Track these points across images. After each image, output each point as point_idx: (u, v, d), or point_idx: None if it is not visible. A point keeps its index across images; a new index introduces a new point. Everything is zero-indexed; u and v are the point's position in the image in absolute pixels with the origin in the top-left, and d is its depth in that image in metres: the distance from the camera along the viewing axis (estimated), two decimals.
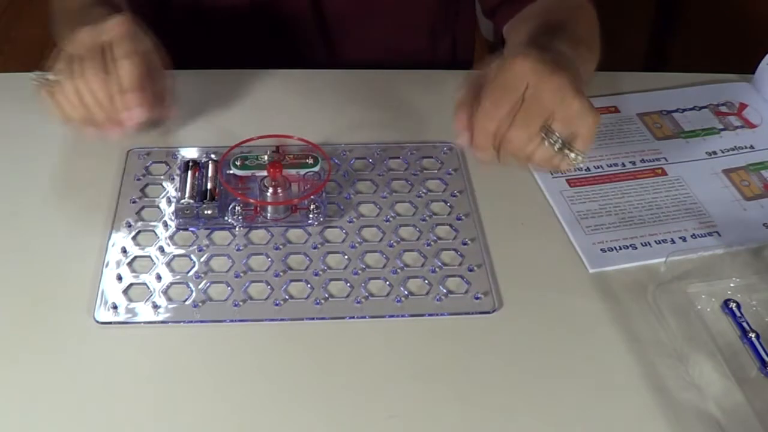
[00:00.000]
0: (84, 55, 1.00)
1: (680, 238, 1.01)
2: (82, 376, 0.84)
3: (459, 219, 1.02)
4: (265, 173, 1.00)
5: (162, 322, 0.89)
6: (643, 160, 1.13)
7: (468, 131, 0.95)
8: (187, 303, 0.91)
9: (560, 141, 0.92)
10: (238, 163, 1.02)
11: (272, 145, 1.04)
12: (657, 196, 1.07)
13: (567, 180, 1.08)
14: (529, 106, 0.91)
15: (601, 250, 0.99)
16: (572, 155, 0.93)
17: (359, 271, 0.95)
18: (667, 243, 1.00)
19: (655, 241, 1.00)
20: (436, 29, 1.38)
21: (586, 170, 1.10)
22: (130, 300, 0.91)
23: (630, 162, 1.12)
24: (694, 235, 1.02)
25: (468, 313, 0.91)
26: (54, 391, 0.83)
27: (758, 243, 0.99)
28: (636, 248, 0.99)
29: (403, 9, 1.34)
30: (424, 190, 1.05)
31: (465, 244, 0.99)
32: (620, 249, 0.99)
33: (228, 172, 1.03)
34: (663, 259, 0.96)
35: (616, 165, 1.12)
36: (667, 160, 1.13)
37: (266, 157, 1.02)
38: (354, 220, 1.01)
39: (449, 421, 0.81)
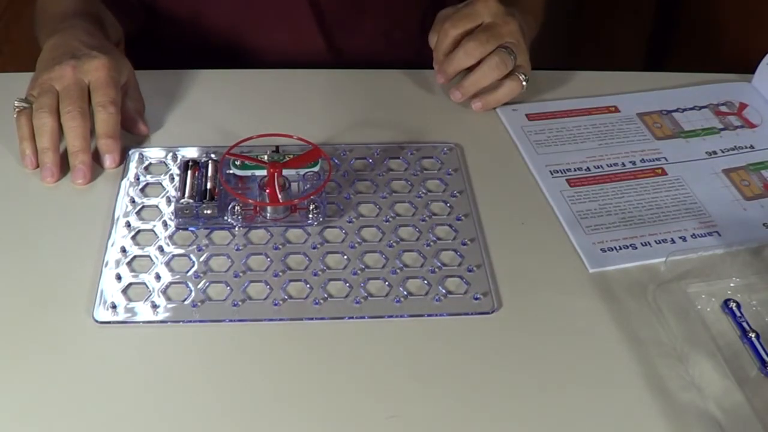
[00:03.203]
0: (63, 93, 1.05)
1: (680, 237, 1.01)
2: (81, 376, 0.84)
3: (459, 219, 1.01)
4: (264, 173, 1.00)
5: (161, 321, 0.89)
6: (643, 160, 1.13)
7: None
8: (186, 303, 0.91)
9: (515, 58, 1.14)
10: (237, 162, 1.02)
11: (272, 145, 1.04)
12: (657, 195, 1.07)
13: (567, 180, 1.08)
14: (486, 30, 1.14)
15: (601, 249, 0.99)
16: (520, 76, 1.16)
17: (358, 272, 0.94)
18: (667, 243, 1.00)
19: (655, 241, 1.00)
20: (426, 16, 1.41)
21: (586, 170, 1.10)
22: (130, 300, 0.91)
23: (630, 162, 1.12)
24: (694, 234, 1.02)
25: (467, 314, 0.91)
26: (52, 390, 0.82)
27: (758, 243, 0.99)
28: (636, 248, 0.99)
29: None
30: (424, 191, 1.05)
31: (464, 244, 0.98)
32: (620, 249, 0.99)
33: (228, 171, 1.03)
34: (663, 259, 0.96)
35: (616, 165, 1.12)
36: (667, 160, 1.13)
37: (266, 157, 1.02)
38: (353, 220, 1.01)
39: (449, 422, 0.81)
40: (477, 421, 0.81)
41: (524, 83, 1.18)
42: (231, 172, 1.02)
